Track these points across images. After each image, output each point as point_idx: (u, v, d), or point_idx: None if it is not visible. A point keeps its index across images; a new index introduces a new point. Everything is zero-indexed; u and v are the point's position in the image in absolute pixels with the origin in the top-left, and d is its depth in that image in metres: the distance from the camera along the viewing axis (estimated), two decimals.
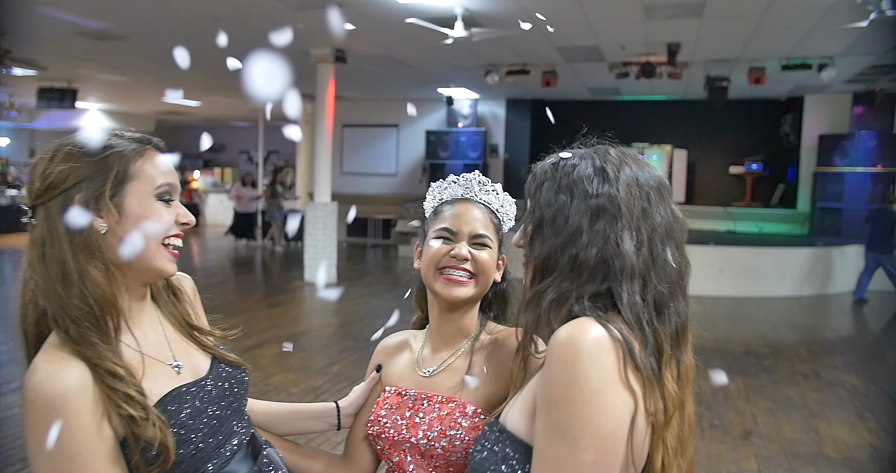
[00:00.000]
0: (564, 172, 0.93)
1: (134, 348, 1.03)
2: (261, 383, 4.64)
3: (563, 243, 0.88)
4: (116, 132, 1.07)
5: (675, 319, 0.88)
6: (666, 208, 0.91)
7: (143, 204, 1.02)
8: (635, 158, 0.95)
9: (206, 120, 18.58)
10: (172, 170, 1.08)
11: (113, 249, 0.99)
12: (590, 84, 10.71)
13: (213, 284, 9.19)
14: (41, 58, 9.27)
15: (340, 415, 1.31)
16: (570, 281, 0.87)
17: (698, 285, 4.37)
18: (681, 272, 0.90)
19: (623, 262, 0.85)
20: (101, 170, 1.00)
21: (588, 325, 0.81)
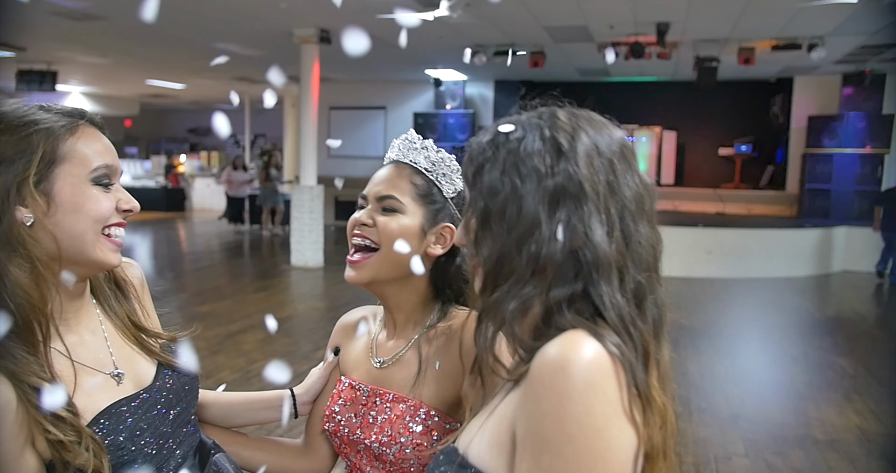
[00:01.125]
0: (508, 149, 0.76)
1: (66, 355, 0.90)
2: (244, 369, 4.57)
3: (519, 239, 0.72)
4: (43, 105, 0.92)
5: (652, 311, 0.74)
6: (633, 177, 0.76)
7: (77, 190, 0.88)
8: (589, 119, 0.78)
9: (191, 103, 18.34)
10: (111, 148, 0.94)
11: (40, 244, 0.86)
12: (578, 65, 10.60)
13: (201, 268, 9.10)
14: (19, 39, 9.04)
15: (297, 403, 1.20)
16: (532, 285, 0.72)
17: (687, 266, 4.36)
18: (655, 253, 0.77)
19: (595, 254, 0.71)
20: (24, 151, 0.85)
21: (581, 342, 0.66)
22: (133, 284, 1.08)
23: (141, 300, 1.09)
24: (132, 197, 0.95)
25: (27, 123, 0.87)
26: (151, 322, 1.11)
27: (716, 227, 9.15)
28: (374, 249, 1.06)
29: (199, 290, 7.42)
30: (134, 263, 1.11)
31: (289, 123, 15.06)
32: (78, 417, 0.84)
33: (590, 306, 0.71)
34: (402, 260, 1.02)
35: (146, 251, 9.97)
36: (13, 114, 0.87)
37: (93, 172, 0.90)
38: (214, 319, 5.96)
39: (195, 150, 19.81)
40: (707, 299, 7.47)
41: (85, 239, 0.89)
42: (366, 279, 1.06)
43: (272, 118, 18.02)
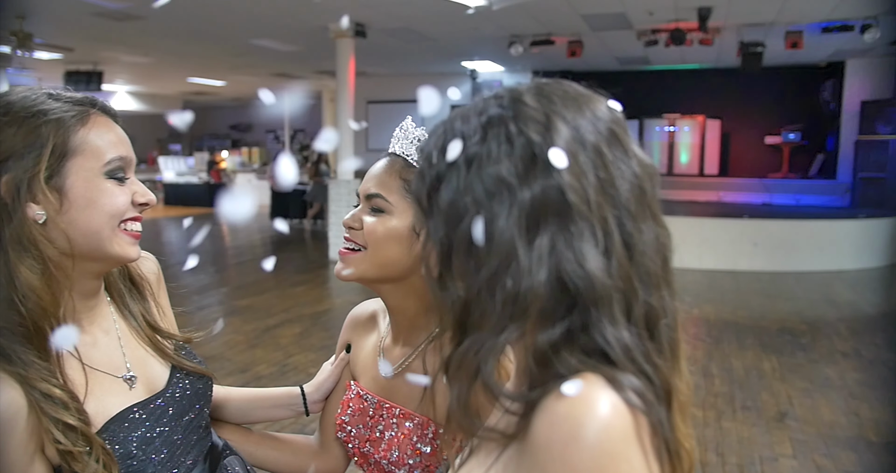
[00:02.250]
0: (466, 157, 0.59)
1: (77, 358, 0.86)
2: (280, 363, 4.61)
3: (491, 276, 0.57)
4: (52, 93, 0.86)
5: (667, 335, 0.60)
6: (628, 162, 0.60)
7: (90, 185, 0.83)
8: (564, 96, 0.62)
9: (232, 99, 18.64)
10: (124, 138, 0.88)
11: (53, 242, 0.82)
12: (618, 54, 10.37)
13: (242, 262, 9.24)
14: (66, 41, 9.29)
15: (307, 402, 1.16)
16: (511, 329, 0.57)
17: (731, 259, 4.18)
18: (664, 257, 0.61)
19: (591, 285, 0.55)
20: (33, 144, 0.80)
21: (594, 398, 0.53)
22: (148, 279, 1.04)
23: (156, 297, 1.05)
24: (148, 190, 0.90)
25: (35, 114, 0.82)
26: (167, 320, 1.07)
27: (762, 218, 8.85)
28: (358, 248, 0.98)
29: (239, 284, 7.52)
30: (150, 256, 1.06)
31: (327, 117, 15.17)
32: (89, 426, 0.81)
33: (589, 341, 0.57)
34: (389, 262, 0.94)
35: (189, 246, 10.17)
36: (20, 103, 0.82)
37: (106, 166, 0.85)
38: (253, 313, 6.02)
39: (237, 146, 20.13)
40: (752, 292, 7.23)
41: (101, 235, 0.84)
42: (352, 277, 0.98)
43: (311, 113, 18.20)
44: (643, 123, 12.70)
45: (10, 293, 0.79)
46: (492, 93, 0.63)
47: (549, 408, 0.54)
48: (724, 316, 6.05)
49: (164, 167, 16.99)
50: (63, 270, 0.83)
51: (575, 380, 0.54)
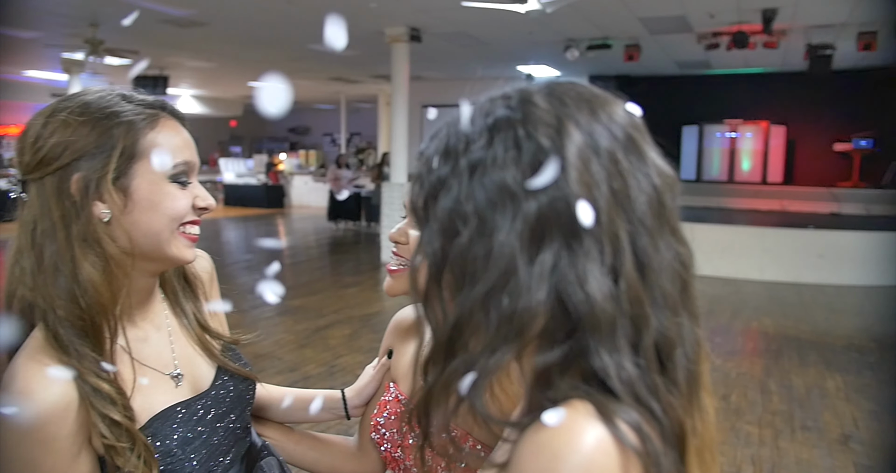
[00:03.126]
0: (469, 163, 0.54)
1: (128, 352, 0.88)
2: (329, 363, 4.65)
3: (487, 293, 0.52)
4: (124, 94, 0.88)
5: (684, 366, 0.54)
6: (647, 171, 0.55)
7: (154, 188, 0.85)
8: (578, 98, 0.56)
9: (291, 103, 19.01)
10: (190, 142, 0.90)
11: (116, 241, 0.83)
12: (677, 58, 10.12)
13: (297, 263, 9.40)
14: (135, 46, 9.67)
15: (347, 406, 1.16)
16: (504, 351, 0.52)
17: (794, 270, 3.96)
18: (683, 277, 0.55)
19: (591, 310, 0.50)
20: (104, 145, 0.82)
21: (579, 429, 0.48)
22: (202, 278, 1.06)
23: (208, 296, 1.07)
24: (209, 194, 0.91)
25: (109, 116, 0.84)
26: (217, 320, 1.09)
27: (829, 229, 8.47)
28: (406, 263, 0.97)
29: (293, 284, 7.65)
30: (204, 255, 1.08)
31: (383, 121, 15.32)
32: (134, 422, 0.82)
33: (588, 369, 0.52)
34: None
35: (246, 246, 10.43)
36: (96, 104, 0.84)
37: (171, 170, 0.87)
38: (304, 313, 6.11)
39: (294, 149, 20.56)
40: (817, 306, 6.92)
41: (160, 237, 0.86)
42: (400, 292, 0.97)
43: (367, 117, 18.42)
44: (703, 128, 12.36)
45: (73, 287, 0.81)
46: (500, 92, 0.58)
47: (531, 437, 0.49)
48: (785, 330, 5.81)
49: (224, 169, 17.48)
50: (122, 268, 0.85)
51: (560, 408, 0.49)
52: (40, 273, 0.82)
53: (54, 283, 0.81)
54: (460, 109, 0.58)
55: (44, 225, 0.82)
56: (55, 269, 0.81)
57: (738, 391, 4.28)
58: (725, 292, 7.46)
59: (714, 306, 6.78)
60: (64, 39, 9.07)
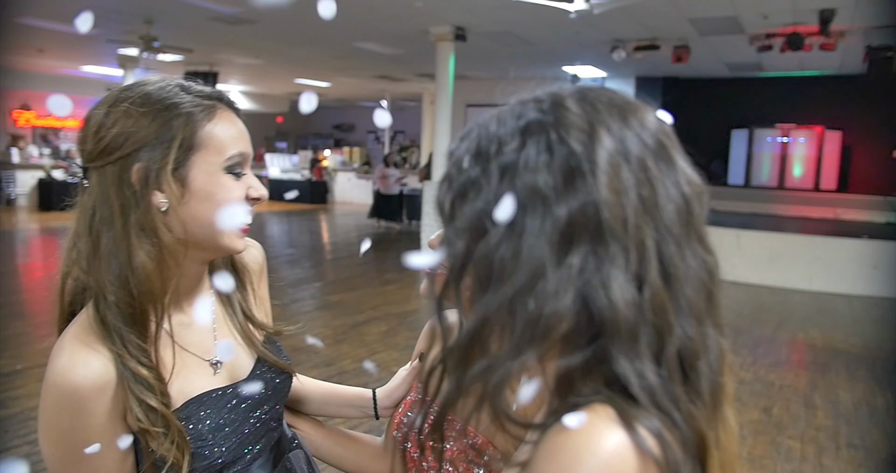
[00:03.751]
0: (501, 165, 0.54)
1: (170, 336, 0.90)
2: (364, 359, 4.68)
3: (514, 295, 0.52)
4: (183, 85, 0.89)
5: (707, 376, 0.53)
6: (676, 179, 0.55)
7: (211, 179, 0.86)
8: (610, 104, 0.56)
9: (336, 100, 19.25)
10: (245, 133, 0.92)
11: (172, 231, 0.85)
12: (728, 59, 9.87)
13: (338, 259, 9.52)
14: (187, 43, 9.90)
15: (377, 407, 1.15)
16: (529, 354, 0.52)
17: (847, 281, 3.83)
18: (709, 286, 0.55)
19: (612, 315, 0.50)
20: (164, 136, 0.84)
21: (599, 432, 0.48)
22: (252, 269, 1.08)
23: (256, 286, 1.08)
24: (261, 184, 0.93)
25: (169, 107, 0.85)
26: (263, 309, 1.10)
27: (885, 239, 8.15)
28: None
29: (332, 280, 7.74)
30: (257, 245, 1.10)
31: (427, 119, 15.36)
32: (170, 408, 0.84)
33: (610, 373, 0.52)
34: None
35: (289, 241, 10.59)
36: (156, 95, 0.86)
37: (227, 161, 0.88)
38: (342, 309, 6.17)
39: (339, 145, 20.78)
40: (869, 319, 6.66)
41: (214, 227, 0.87)
42: None
43: (411, 115, 18.50)
44: (753, 133, 12.04)
45: (126, 274, 0.83)
46: (530, 95, 0.59)
47: (552, 438, 0.49)
48: (833, 343, 5.61)
49: (269, 164, 17.79)
50: (175, 257, 0.87)
51: (581, 411, 0.49)
52: (95, 258, 0.84)
53: (108, 268, 0.83)
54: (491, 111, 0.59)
55: (102, 212, 0.84)
56: (110, 255, 0.83)
57: (781, 403, 4.15)
58: (772, 302, 7.25)
59: (759, 315, 6.60)
60: (120, 36, 9.35)
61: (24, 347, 4.66)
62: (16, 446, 3.20)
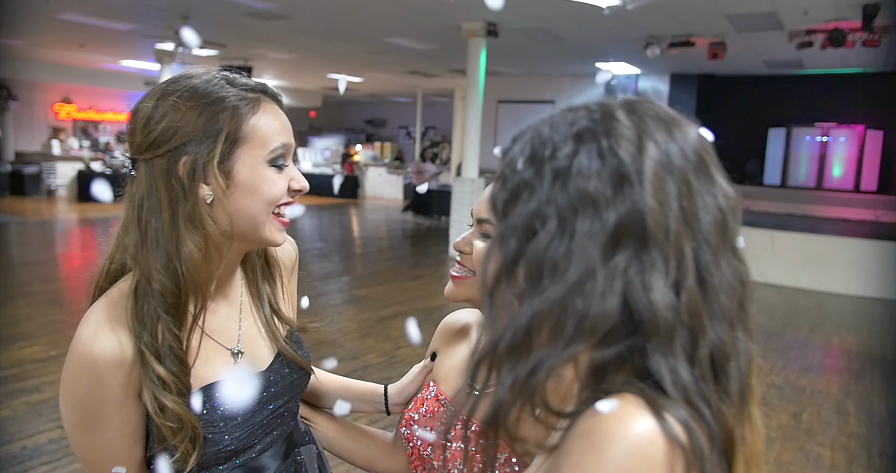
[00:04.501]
0: (555, 168, 0.57)
1: (199, 324, 0.91)
2: (389, 354, 4.71)
3: (567, 293, 0.55)
4: (228, 77, 0.90)
5: (737, 378, 0.56)
6: (713, 191, 0.58)
7: (255, 172, 0.88)
8: (657, 117, 0.59)
9: (368, 95, 19.35)
10: (287, 125, 0.93)
11: (217, 223, 0.87)
12: (766, 56, 9.64)
13: (366, 253, 9.58)
14: (221, 38, 10.04)
15: (388, 403, 1.17)
16: (574, 348, 0.55)
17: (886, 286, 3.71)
18: (741, 295, 0.58)
19: (653, 317, 0.53)
20: (211, 130, 0.85)
21: (629, 416, 0.51)
22: (284, 264, 1.09)
23: (286, 281, 1.09)
24: (303, 177, 0.94)
25: (216, 101, 0.86)
26: (290, 305, 1.11)
27: None
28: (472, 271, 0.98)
29: (361, 274, 7.79)
30: (292, 241, 1.11)
31: (458, 115, 15.35)
32: (187, 408, 0.85)
33: (644, 369, 0.55)
34: None
35: (319, 234, 10.69)
36: (202, 89, 0.87)
37: (270, 154, 0.89)
38: (369, 303, 6.21)
39: (370, 140, 20.89)
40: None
41: (257, 220, 0.89)
42: (461, 299, 0.98)
43: (443, 111, 18.50)
44: (791, 132, 11.75)
45: (174, 263, 0.85)
46: (580, 104, 0.62)
47: (584, 421, 0.53)
48: (869, 349, 5.46)
49: (302, 158, 17.97)
50: (218, 248, 0.88)
51: (613, 399, 0.52)
52: (143, 247, 0.86)
53: (156, 257, 0.85)
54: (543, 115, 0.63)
55: (150, 203, 0.86)
56: (158, 244, 0.85)
57: (811, 409, 4.06)
58: (806, 305, 7.08)
59: (792, 318, 6.46)
60: (157, 31, 9.53)
61: (58, 334, 4.79)
62: (48, 429, 3.29)
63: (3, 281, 6.64)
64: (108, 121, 16.68)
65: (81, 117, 16.17)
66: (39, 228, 10.73)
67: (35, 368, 4.09)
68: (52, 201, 14.09)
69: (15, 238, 9.76)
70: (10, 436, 3.21)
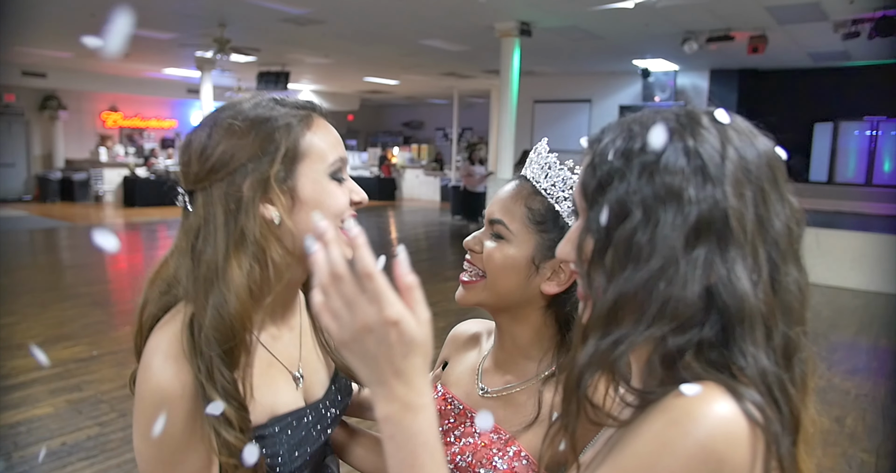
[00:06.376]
0: (643, 162, 0.62)
1: (265, 347, 0.89)
2: None
3: (650, 278, 0.60)
4: (276, 98, 0.90)
5: (800, 368, 0.62)
6: (783, 203, 0.63)
7: (318, 187, 0.86)
8: (737, 128, 0.64)
9: (405, 98, 19.46)
10: (339, 139, 0.92)
11: (282, 243, 0.84)
12: (810, 48, 9.34)
13: None
14: (258, 44, 10.22)
15: None
16: (654, 329, 0.61)
17: None
18: (804, 300, 0.64)
19: (740, 305, 0.59)
20: (269, 148, 0.83)
21: (714, 400, 0.56)
22: None
23: None
24: (360, 188, 0.93)
25: (269, 119, 0.85)
26: None
27: None
28: (482, 274, 0.98)
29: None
30: None
31: (494, 116, 15.30)
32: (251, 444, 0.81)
33: (722, 357, 0.60)
34: (505, 291, 0.93)
35: None
36: (254, 111, 0.86)
37: (330, 167, 0.88)
38: None
39: (408, 142, 20.99)
40: None
41: None
42: (471, 303, 0.99)
43: (479, 112, 18.47)
44: (838, 126, 11.36)
45: (225, 296, 0.81)
46: (666, 109, 0.67)
47: (667, 402, 0.57)
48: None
49: None
50: (280, 271, 0.85)
51: (697, 384, 0.57)
52: (198, 281, 0.82)
53: (208, 293, 0.81)
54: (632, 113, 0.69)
55: (206, 231, 0.83)
56: (210, 277, 0.82)
57: (856, 414, 3.91)
58: (853, 305, 6.83)
59: (838, 319, 6.23)
60: (196, 39, 9.76)
61: (100, 334, 4.94)
62: (87, 426, 3.39)
63: (52, 283, 6.88)
64: (153, 128, 17.16)
65: (127, 125, 16.69)
66: (87, 232, 11.08)
67: (77, 367, 4.23)
68: (100, 206, 14.57)
69: (64, 242, 10.12)
70: (52, 433, 3.31)
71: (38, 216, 12.38)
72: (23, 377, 4.02)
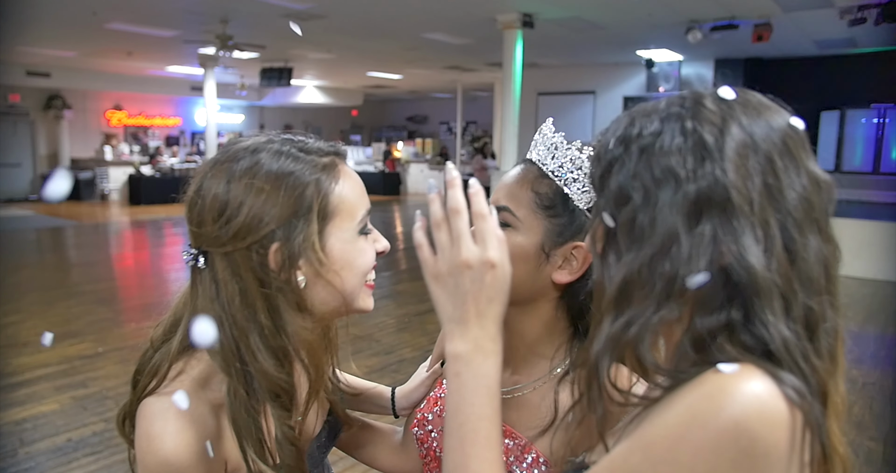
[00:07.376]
0: (640, 146, 0.63)
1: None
2: (424, 348, 4.72)
3: (651, 257, 0.61)
4: (294, 143, 0.81)
5: (826, 340, 0.60)
6: (801, 175, 0.62)
7: (349, 246, 0.80)
8: (745, 104, 0.64)
9: (408, 92, 19.41)
10: (363, 185, 0.85)
11: (310, 305, 0.80)
12: (816, 36, 9.26)
13: (409, 248, 9.59)
14: (260, 40, 10.21)
15: (396, 406, 1.13)
16: (667, 309, 0.60)
17: None
18: (828, 270, 0.62)
19: (753, 277, 0.58)
20: (301, 210, 0.77)
21: (751, 379, 0.54)
22: None
23: None
24: (381, 236, 0.87)
25: (297, 175, 0.78)
26: None
27: None
28: None
29: (401, 269, 7.83)
30: None
31: (498, 109, 15.26)
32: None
33: (756, 339, 0.58)
34: (519, 282, 0.85)
35: None
36: (275, 163, 0.78)
37: (360, 223, 0.82)
38: (407, 297, 6.23)
39: (412, 137, 20.97)
40: None
41: (354, 294, 0.82)
42: None
43: (483, 105, 18.42)
44: (845, 113, 11.26)
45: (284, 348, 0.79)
46: (676, 95, 0.67)
47: (702, 378, 0.56)
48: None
49: None
50: (298, 335, 0.80)
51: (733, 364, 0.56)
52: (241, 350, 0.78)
53: (266, 357, 0.77)
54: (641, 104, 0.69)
55: (242, 300, 0.77)
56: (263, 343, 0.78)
57: (863, 402, 3.88)
58: (861, 294, 6.78)
59: (845, 308, 6.04)
60: (199, 36, 9.75)
61: (106, 331, 4.96)
62: (92, 422, 3.40)
63: (58, 281, 6.91)
64: (157, 126, 17.20)
65: (132, 123, 16.73)
66: (93, 230, 11.14)
67: (83, 364, 4.25)
68: (105, 204, 14.63)
69: (70, 240, 10.17)
70: (57, 429, 3.33)
71: (45, 215, 12.44)
72: (28, 374, 4.05)
